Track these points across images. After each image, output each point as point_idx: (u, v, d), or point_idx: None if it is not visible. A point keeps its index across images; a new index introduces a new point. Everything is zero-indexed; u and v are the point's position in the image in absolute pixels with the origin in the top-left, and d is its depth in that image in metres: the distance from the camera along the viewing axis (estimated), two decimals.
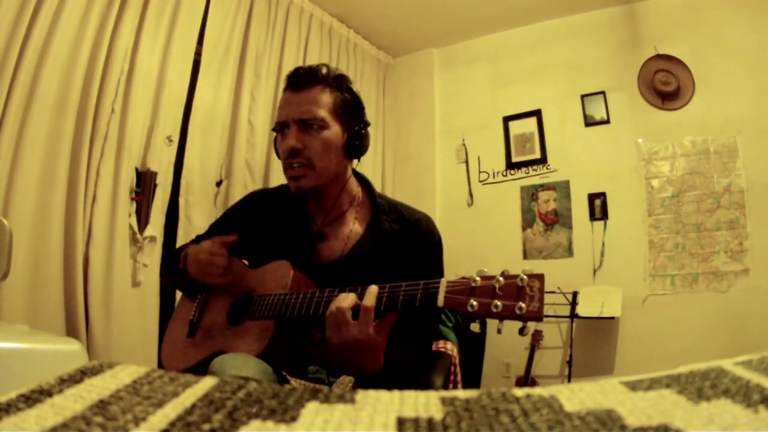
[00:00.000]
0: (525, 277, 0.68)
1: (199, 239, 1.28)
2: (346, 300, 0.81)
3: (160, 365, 1.16)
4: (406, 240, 1.07)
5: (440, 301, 0.73)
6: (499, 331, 0.69)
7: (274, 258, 1.06)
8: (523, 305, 0.66)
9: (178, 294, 2.36)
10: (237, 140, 2.64)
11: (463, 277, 0.74)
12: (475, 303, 0.69)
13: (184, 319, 1.16)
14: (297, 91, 1.05)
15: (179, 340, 1.14)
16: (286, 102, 1.06)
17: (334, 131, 1.04)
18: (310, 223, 1.12)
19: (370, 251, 1.06)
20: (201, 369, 0.92)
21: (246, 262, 1.18)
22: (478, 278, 0.71)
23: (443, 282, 0.75)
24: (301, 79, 1.05)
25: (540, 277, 0.67)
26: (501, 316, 0.68)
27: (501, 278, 0.69)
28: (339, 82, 1.07)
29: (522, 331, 0.68)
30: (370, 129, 1.13)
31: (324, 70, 1.06)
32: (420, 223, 1.10)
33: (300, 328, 0.99)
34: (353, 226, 1.10)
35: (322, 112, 1.03)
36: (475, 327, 0.76)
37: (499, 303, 0.68)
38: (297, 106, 1.03)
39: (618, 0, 3.17)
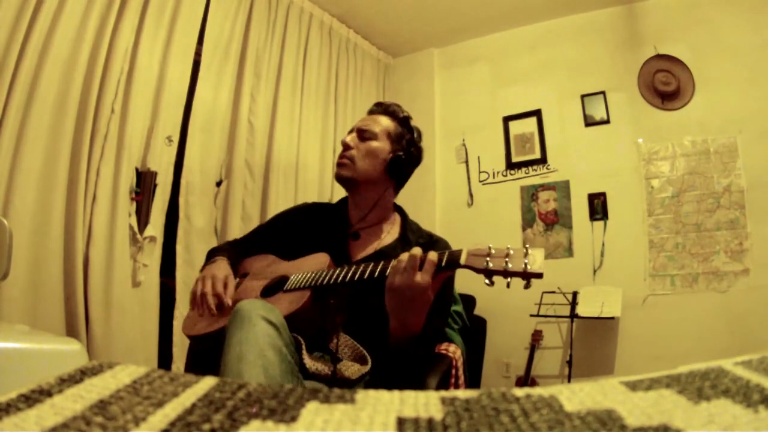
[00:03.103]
0: (529, 247, 0.86)
1: (239, 241, 1.46)
2: (417, 250, 0.95)
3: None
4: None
5: (462, 260, 0.91)
6: (508, 285, 0.87)
7: (312, 251, 1.21)
8: (528, 264, 0.84)
9: (179, 294, 2.37)
10: (237, 140, 2.64)
11: (482, 248, 0.92)
12: (491, 262, 0.87)
13: None
14: (371, 114, 1.38)
15: (205, 313, 1.21)
16: (362, 119, 1.38)
17: (382, 145, 1.30)
18: (347, 225, 1.32)
19: (394, 255, 1.19)
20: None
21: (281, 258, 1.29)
22: (494, 248, 0.90)
23: (465, 248, 0.93)
24: (378, 107, 1.39)
25: (541, 251, 0.86)
26: (510, 273, 0.85)
27: (511, 249, 0.88)
28: (403, 120, 1.36)
29: (526, 286, 0.85)
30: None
31: (395, 108, 1.38)
32: (440, 242, 1.30)
33: (324, 309, 1.09)
34: (385, 237, 1.30)
35: (377, 129, 1.32)
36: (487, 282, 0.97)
37: (509, 263, 0.85)
38: (364, 121, 1.35)
39: (618, 0, 3.17)
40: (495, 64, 3.60)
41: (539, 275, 0.83)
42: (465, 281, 2.75)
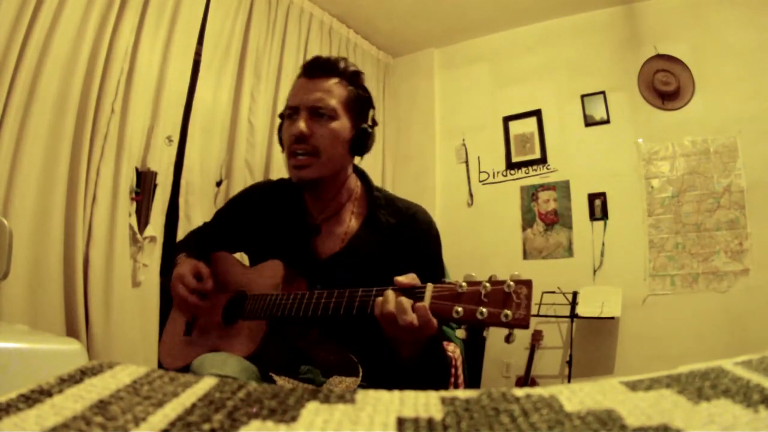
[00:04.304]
0: (512, 283, 0.67)
1: (201, 231, 1.33)
2: (406, 311, 0.75)
3: (160, 363, 1.18)
4: (402, 233, 1.07)
5: (427, 305, 0.73)
6: (484, 338, 0.67)
7: (272, 252, 1.06)
8: (509, 312, 0.66)
9: None
10: (237, 140, 2.64)
11: (449, 283, 0.73)
12: (460, 309, 0.69)
13: (181, 316, 1.18)
14: (312, 79, 1.05)
15: (176, 338, 1.16)
16: (301, 88, 1.05)
17: (343, 124, 1.04)
18: (307, 218, 1.12)
19: (366, 246, 1.06)
20: None
21: (241, 258, 1.20)
22: (464, 284, 0.71)
23: (429, 287, 0.75)
24: (319, 68, 1.05)
25: (527, 284, 0.67)
26: (486, 323, 0.68)
27: (488, 284, 0.69)
28: (354, 78, 1.07)
29: (508, 339, 0.68)
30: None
31: (342, 64, 1.06)
32: (416, 216, 1.10)
33: (292, 328, 1.00)
34: (350, 222, 1.09)
35: (335, 103, 1.03)
36: (460, 333, 0.75)
37: (484, 310, 0.67)
38: (311, 93, 1.03)
39: (618, 0, 3.17)
40: (495, 64, 3.61)
41: (524, 325, 0.65)
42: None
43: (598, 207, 3.10)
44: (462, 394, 0.29)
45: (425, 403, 0.28)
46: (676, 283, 2.84)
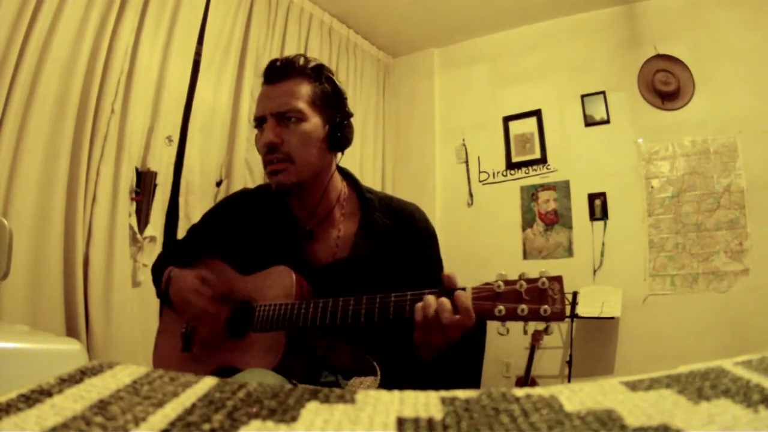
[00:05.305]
0: (545, 280, 0.74)
1: (179, 246, 1.25)
2: (449, 309, 0.78)
3: None
4: (401, 235, 1.05)
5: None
6: (525, 332, 0.75)
7: (263, 262, 1.02)
8: (547, 308, 0.73)
9: None
10: (237, 140, 2.64)
11: (487, 283, 0.78)
12: (502, 308, 0.75)
13: (174, 331, 1.09)
14: (273, 84, 1.01)
15: (174, 354, 1.08)
16: (263, 96, 1.02)
17: (314, 123, 1.00)
18: (296, 224, 1.07)
19: (367, 251, 1.04)
20: None
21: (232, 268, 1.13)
22: (501, 283, 0.77)
23: (469, 289, 0.79)
24: (277, 72, 1.01)
25: (559, 279, 0.74)
26: (527, 319, 0.74)
27: (524, 282, 0.75)
28: (317, 73, 1.03)
29: (547, 330, 0.75)
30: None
31: (301, 61, 1.02)
32: (414, 216, 1.09)
33: (306, 336, 0.97)
34: (343, 225, 1.06)
35: (300, 104, 0.99)
36: (502, 330, 0.76)
37: (525, 307, 0.73)
38: (273, 99, 1.00)
39: (618, 0, 3.17)
40: (495, 64, 3.61)
41: (561, 318, 0.72)
42: (463, 278, 2.76)
43: (598, 207, 3.10)
44: (462, 394, 0.29)
45: (425, 403, 0.28)
46: (676, 283, 2.84)
